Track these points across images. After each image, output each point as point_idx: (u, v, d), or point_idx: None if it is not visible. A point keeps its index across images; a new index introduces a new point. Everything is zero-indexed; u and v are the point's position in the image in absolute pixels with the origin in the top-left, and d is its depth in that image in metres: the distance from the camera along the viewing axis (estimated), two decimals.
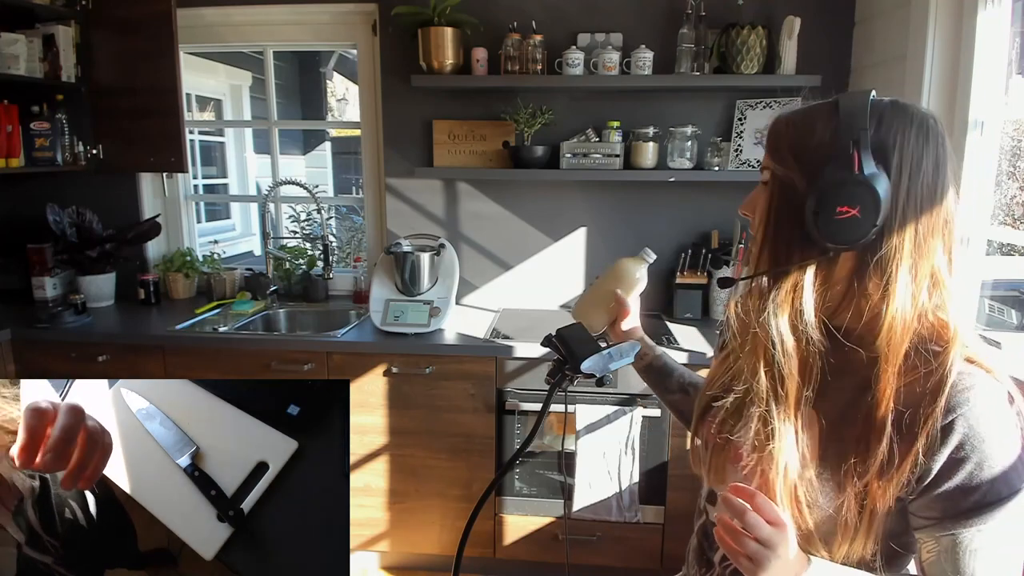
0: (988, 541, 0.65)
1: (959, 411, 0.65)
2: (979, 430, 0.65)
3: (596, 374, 0.79)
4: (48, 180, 2.52)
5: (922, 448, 0.65)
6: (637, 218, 2.40)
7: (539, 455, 2.09)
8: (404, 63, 2.32)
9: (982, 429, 0.65)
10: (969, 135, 1.60)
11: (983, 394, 0.67)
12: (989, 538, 0.65)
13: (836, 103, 0.69)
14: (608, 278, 0.98)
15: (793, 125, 0.72)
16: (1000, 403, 0.67)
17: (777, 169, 0.72)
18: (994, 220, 1.65)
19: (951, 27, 1.64)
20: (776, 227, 0.72)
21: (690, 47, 2.13)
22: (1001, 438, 0.65)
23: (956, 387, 0.66)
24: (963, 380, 0.67)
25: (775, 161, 0.73)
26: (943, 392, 0.66)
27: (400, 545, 2.21)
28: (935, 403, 0.65)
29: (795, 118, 0.73)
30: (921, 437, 0.65)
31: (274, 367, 2.08)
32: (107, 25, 2.33)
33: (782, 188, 0.72)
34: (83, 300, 2.31)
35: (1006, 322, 2.00)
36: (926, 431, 0.65)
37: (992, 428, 0.65)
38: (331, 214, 4.59)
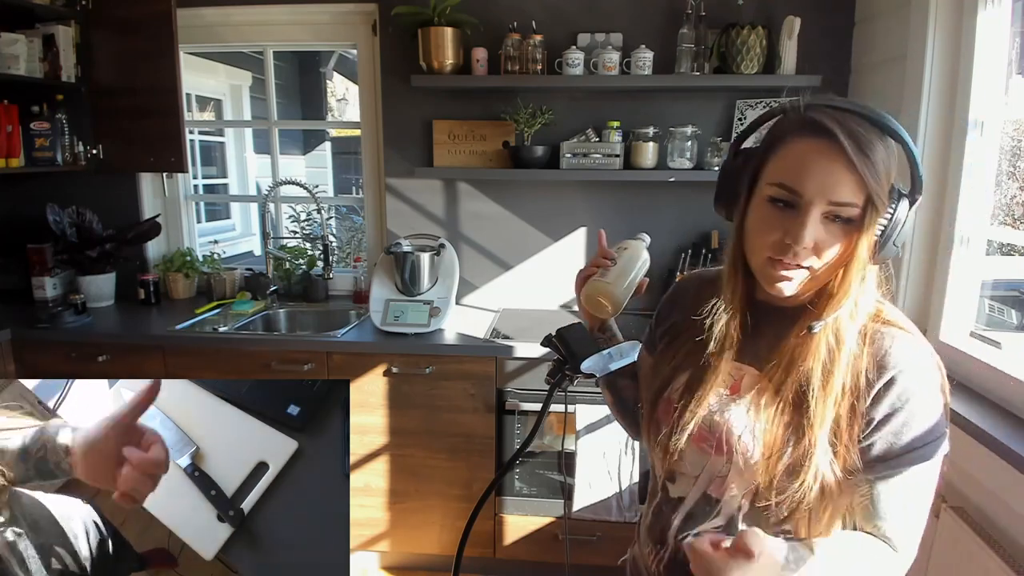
0: (908, 485, 0.75)
1: (891, 370, 0.74)
2: (910, 387, 0.73)
3: (596, 374, 0.79)
4: (48, 180, 2.52)
5: (863, 406, 0.74)
6: (637, 218, 2.39)
7: (539, 455, 2.09)
8: (404, 63, 2.32)
9: (912, 386, 0.73)
10: (969, 135, 1.60)
11: (906, 349, 0.75)
12: (909, 482, 0.75)
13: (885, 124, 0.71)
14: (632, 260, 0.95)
15: (881, 157, 0.71)
16: (926, 358, 0.75)
17: (879, 203, 0.71)
18: (994, 220, 1.65)
19: (951, 27, 1.64)
20: (862, 263, 0.73)
21: (690, 47, 2.13)
22: (928, 395, 0.74)
23: (881, 347, 0.75)
24: (884, 340, 0.75)
25: (876, 195, 0.70)
26: (876, 356, 0.75)
27: (400, 545, 2.21)
28: (872, 366, 0.74)
29: (880, 145, 0.71)
30: (863, 397, 0.74)
31: (274, 367, 2.08)
32: (107, 25, 2.33)
33: (870, 224, 0.72)
34: (83, 300, 2.31)
35: (1006, 322, 2.00)
36: (864, 390, 0.74)
37: (921, 385, 0.74)
38: (331, 214, 4.59)
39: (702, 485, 0.83)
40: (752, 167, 0.77)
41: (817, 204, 0.71)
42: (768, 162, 0.75)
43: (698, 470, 0.83)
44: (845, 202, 0.70)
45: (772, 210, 0.74)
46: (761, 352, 0.81)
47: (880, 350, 0.75)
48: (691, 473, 0.84)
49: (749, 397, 0.80)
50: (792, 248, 0.71)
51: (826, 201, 0.70)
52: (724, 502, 0.82)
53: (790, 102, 0.75)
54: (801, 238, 0.71)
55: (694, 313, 0.86)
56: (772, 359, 0.79)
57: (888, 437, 0.74)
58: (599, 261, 0.93)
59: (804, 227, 0.71)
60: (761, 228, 0.75)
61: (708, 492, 0.83)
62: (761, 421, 0.78)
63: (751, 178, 0.77)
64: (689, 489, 0.85)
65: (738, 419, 0.80)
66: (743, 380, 0.82)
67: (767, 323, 0.82)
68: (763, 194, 0.75)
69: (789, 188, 0.72)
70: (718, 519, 0.82)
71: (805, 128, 0.72)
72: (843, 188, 0.70)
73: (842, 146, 0.68)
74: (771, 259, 0.74)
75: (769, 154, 0.75)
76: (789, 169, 0.72)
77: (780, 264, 0.73)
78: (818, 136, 0.70)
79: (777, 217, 0.73)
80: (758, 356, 0.81)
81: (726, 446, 0.80)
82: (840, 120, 0.69)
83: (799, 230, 0.71)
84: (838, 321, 0.75)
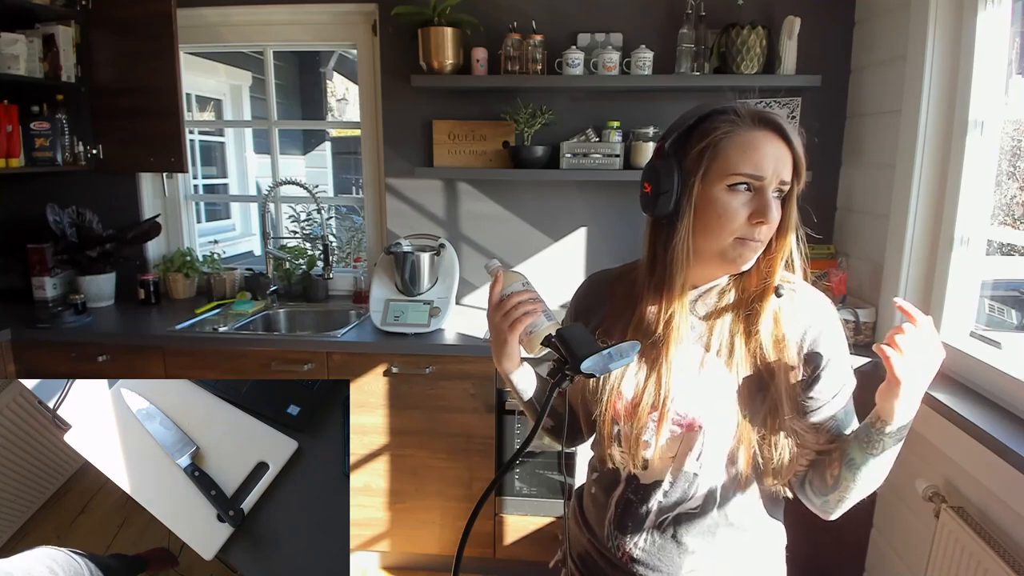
0: (848, 397, 0.90)
1: (809, 321, 0.87)
2: (827, 333, 0.87)
3: (596, 374, 0.78)
4: (48, 180, 2.52)
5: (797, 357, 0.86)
6: (637, 218, 2.37)
7: (539, 455, 2.09)
8: (404, 63, 2.32)
9: (829, 333, 0.88)
10: (969, 135, 1.60)
11: (811, 301, 0.88)
12: (847, 395, 0.90)
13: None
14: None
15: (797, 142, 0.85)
16: (825, 303, 0.90)
17: (802, 178, 0.85)
18: (994, 220, 1.65)
19: (951, 27, 1.64)
20: (795, 226, 0.86)
21: (690, 47, 2.13)
22: (840, 334, 0.89)
23: (795, 304, 0.87)
24: (794, 297, 0.88)
25: (798, 174, 0.84)
26: (795, 312, 0.87)
27: (400, 545, 2.21)
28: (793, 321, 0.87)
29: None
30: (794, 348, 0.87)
31: (274, 367, 2.08)
32: (107, 25, 2.33)
33: (796, 192, 0.85)
34: (83, 300, 2.31)
35: (1006, 322, 2.00)
36: (797, 342, 0.87)
37: (835, 329, 0.89)
38: (331, 214, 4.59)
39: (680, 463, 0.89)
40: (696, 163, 0.84)
41: (772, 184, 0.82)
42: (720, 155, 0.82)
43: (673, 451, 0.89)
44: (788, 180, 0.83)
45: (734, 196, 0.82)
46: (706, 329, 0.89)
47: (795, 307, 0.87)
48: (667, 455, 0.89)
49: (711, 370, 0.87)
50: (764, 225, 0.82)
51: (778, 180, 0.82)
52: (703, 474, 0.88)
53: (731, 105, 0.84)
54: (772, 216, 0.81)
55: (615, 308, 0.94)
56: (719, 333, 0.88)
57: (832, 381, 0.87)
58: (529, 307, 0.89)
59: (771, 205, 0.81)
60: (725, 214, 0.82)
61: (685, 469, 0.88)
62: (729, 389, 0.85)
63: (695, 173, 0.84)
64: (665, 472, 0.90)
65: (701, 395, 0.87)
66: (703, 357, 0.88)
67: (705, 303, 0.91)
68: (721, 184, 0.82)
69: (751, 174, 0.81)
70: (700, 490, 0.89)
71: (756, 122, 0.82)
72: (787, 167, 0.83)
73: (785, 133, 0.82)
74: (739, 239, 0.83)
75: (720, 148, 0.82)
76: (749, 157, 0.81)
77: (749, 242, 0.83)
78: (767, 127, 0.82)
79: (741, 201, 0.82)
80: (703, 333, 0.89)
81: (697, 423, 0.87)
82: (776, 115, 0.83)
83: (767, 209, 0.81)
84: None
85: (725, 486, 0.89)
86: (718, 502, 0.89)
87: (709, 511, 0.90)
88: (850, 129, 2.18)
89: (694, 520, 0.90)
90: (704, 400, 0.86)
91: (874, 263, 1.95)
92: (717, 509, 0.89)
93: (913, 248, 1.76)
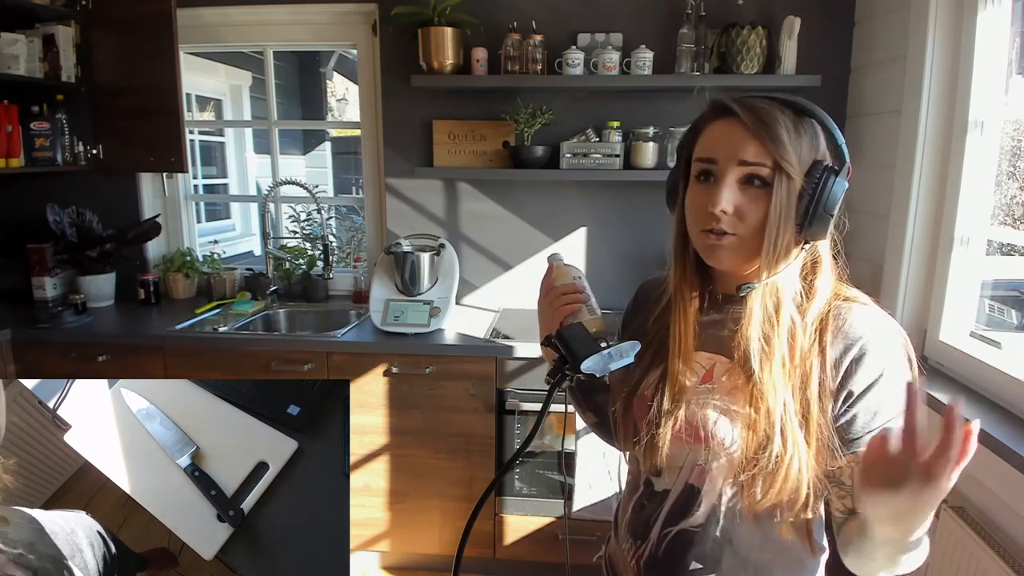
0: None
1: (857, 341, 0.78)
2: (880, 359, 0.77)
3: (596, 374, 0.78)
4: (48, 180, 2.52)
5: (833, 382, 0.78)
6: (637, 218, 2.39)
7: (539, 455, 2.09)
8: (404, 63, 2.32)
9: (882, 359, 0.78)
10: (969, 135, 1.60)
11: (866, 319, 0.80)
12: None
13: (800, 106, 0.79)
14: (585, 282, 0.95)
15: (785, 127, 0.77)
16: (886, 326, 0.81)
17: (786, 166, 0.76)
18: (994, 220, 1.65)
19: (951, 27, 1.64)
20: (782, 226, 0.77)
21: (690, 47, 2.13)
22: (898, 366, 0.78)
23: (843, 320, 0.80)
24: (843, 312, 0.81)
25: (781, 158, 0.76)
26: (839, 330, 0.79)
27: (400, 545, 2.21)
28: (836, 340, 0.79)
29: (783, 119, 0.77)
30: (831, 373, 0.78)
31: (274, 367, 2.08)
32: (107, 25, 2.33)
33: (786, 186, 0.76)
34: (83, 300, 2.31)
35: (1006, 322, 2.00)
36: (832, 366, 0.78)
37: (890, 356, 0.78)
38: (331, 214, 4.59)
39: (685, 476, 0.86)
40: (684, 161, 0.84)
41: (731, 168, 0.77)
42: (693, 151, 0.82)
43: (681, 461, 0.86)
44: (754, 161, 0.76)
45: (698, 186, 0.80)
46: (727, 341, 0.84)
47: (841, 323, 0.79)
48: (676, 465, 0.87)
49: (721, 384, 0.84)
50: (714, 211, 0.76)
51: (736, 160, 0.76)
52: (705, 492, 0.84)
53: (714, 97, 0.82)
54: (718, 201, 0.76)
55: (650, 313, 0.92)
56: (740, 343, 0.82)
57: (867, 411, 0.78)
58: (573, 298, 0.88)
59: (720, 191, 0.76)
60: (692, 205, 0.81)
61: (690, 482, 0.86)
62: (736, 405, 0.81)
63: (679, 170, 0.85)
64: (675, 481, 0.87)
65: (712, 407, 0.83)
66: (714, 369, 0.85)
67: (729, 313, 0.86)
68: (692, 177, 0.82)
69: (706, 159, 0.79)
70: (701, 509, 0.85)
71: (715, 112, 0.80)
72: (748, 148, 0.76)
73: (739, 117, 0.77)
74: (703, 231, 0.80)
75: (694, 144, 0.82)
76: (705, 145, 0.80)
77: (710, 234, 0.79)
78: (725, 115, 0.79)
79: (703, 191, 0.79)
80: (725, 345, 0.85)
81: (703, 434, 0.83)
82: (742, 101, 0.78)
83: (716, 194, 0.77)
84: (775, 286, 0.80)
85: (729, 509, 0.83)
86: (720, 524, 0.84)
87: (711, 533, 0.84)
88: (850, 129, 2.18)
89: (695, 541, 0.85)
90: (711, 411, 0.83)
91: (874, 263, 1.95)
92: (720, 534, 0.84)
93: (913, 248, 1.75)
